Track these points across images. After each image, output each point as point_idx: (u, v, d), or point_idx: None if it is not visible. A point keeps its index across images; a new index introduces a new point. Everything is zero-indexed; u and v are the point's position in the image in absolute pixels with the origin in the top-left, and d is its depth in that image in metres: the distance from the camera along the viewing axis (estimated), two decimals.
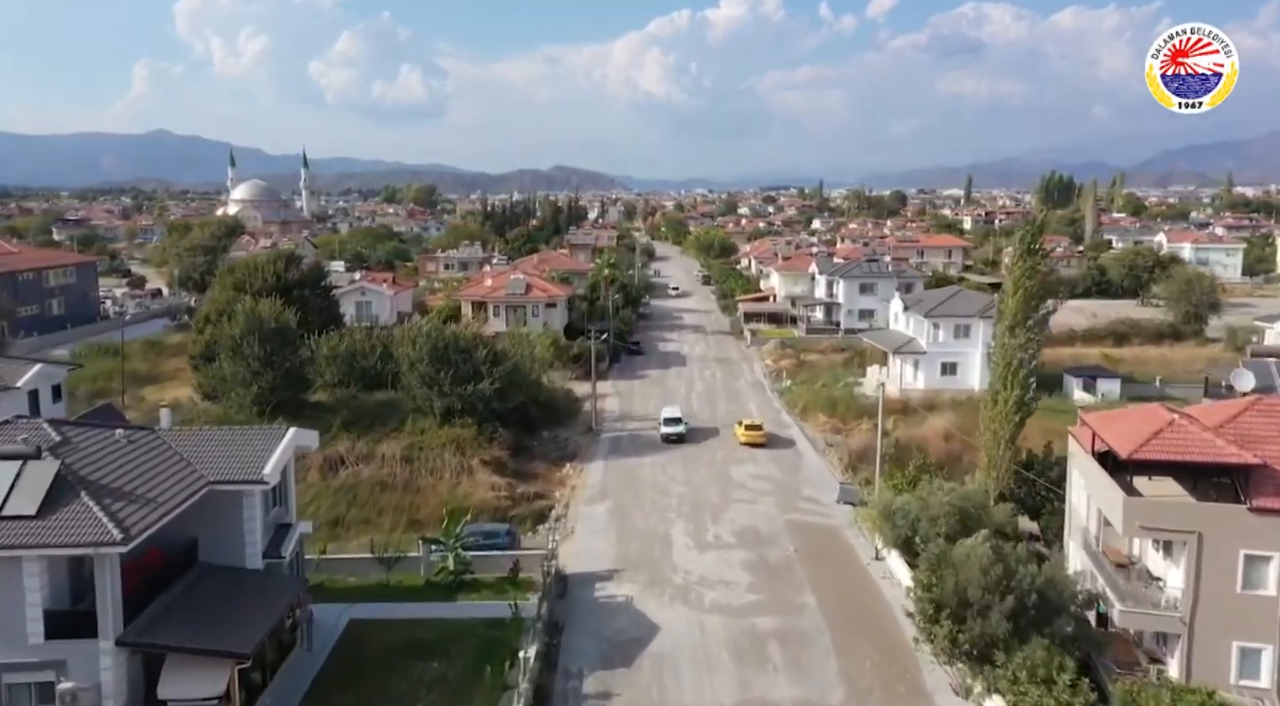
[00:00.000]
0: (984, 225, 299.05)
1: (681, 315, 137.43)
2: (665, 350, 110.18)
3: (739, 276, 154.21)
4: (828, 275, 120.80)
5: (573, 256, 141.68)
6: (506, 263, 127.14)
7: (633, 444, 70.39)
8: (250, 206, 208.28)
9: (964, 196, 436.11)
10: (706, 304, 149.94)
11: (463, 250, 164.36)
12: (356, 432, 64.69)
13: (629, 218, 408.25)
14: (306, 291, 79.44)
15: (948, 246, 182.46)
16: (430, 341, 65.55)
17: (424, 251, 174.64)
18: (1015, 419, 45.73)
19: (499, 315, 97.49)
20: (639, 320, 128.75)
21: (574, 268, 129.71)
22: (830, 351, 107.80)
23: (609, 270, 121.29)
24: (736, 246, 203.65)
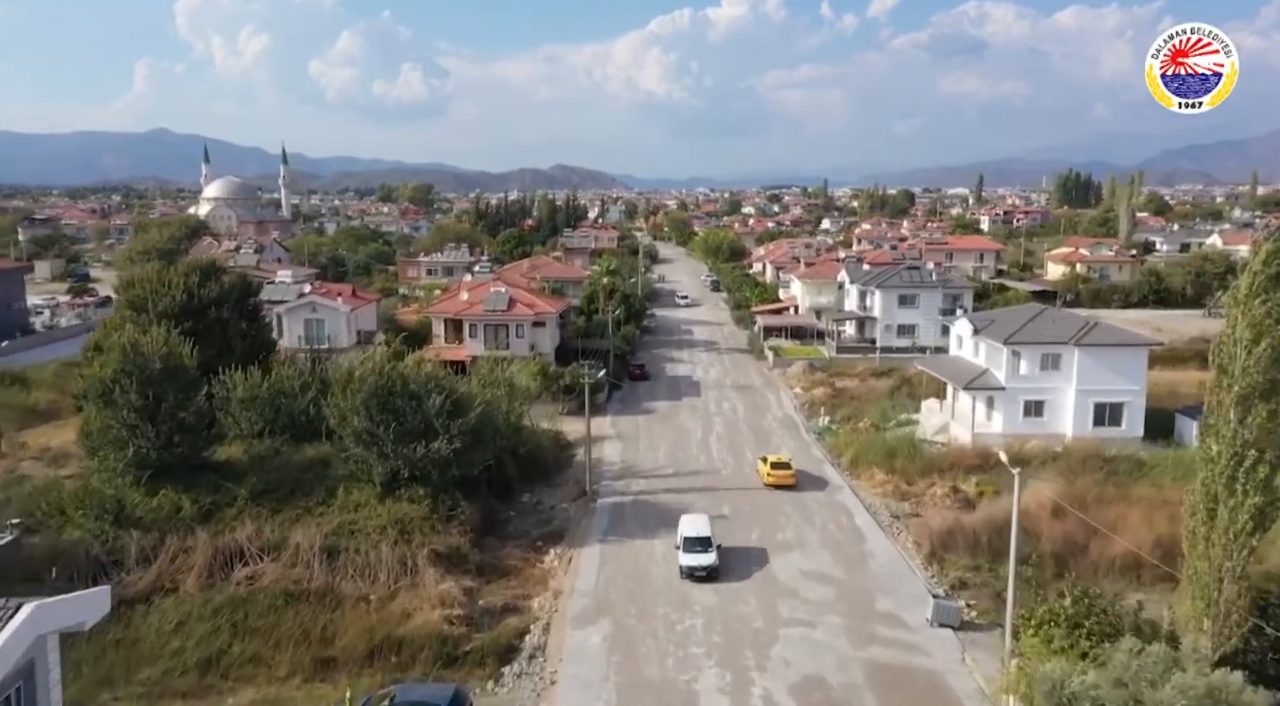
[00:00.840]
0: (1002, 224, 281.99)
1: (691, 328, 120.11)
2: (675, 374, 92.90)
3: (753, 283, 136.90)
4: (860, 285, 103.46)
5: (567, 262, 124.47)
6: (489, 270, 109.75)
7: (638, 516, 53.10)
8: (223, 205, 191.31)
9: (975, 195, 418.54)
10: (718, 314, 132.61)
11: (448, 253, 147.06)
12: (270, 507, 47.50)
13: (630, 217, 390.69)
14: (226, 311, 62.12)
15: (978, 249, 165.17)
16: (368, 387, 48.29)
17: (405, 254, 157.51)
18: (1250, 540, 28.52)
19: (476, 336, 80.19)
20: (643, 335, 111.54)
21: (568, 275, 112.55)
22: (868, 376, 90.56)
23: (608, 278, 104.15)
24: (747, 249, 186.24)
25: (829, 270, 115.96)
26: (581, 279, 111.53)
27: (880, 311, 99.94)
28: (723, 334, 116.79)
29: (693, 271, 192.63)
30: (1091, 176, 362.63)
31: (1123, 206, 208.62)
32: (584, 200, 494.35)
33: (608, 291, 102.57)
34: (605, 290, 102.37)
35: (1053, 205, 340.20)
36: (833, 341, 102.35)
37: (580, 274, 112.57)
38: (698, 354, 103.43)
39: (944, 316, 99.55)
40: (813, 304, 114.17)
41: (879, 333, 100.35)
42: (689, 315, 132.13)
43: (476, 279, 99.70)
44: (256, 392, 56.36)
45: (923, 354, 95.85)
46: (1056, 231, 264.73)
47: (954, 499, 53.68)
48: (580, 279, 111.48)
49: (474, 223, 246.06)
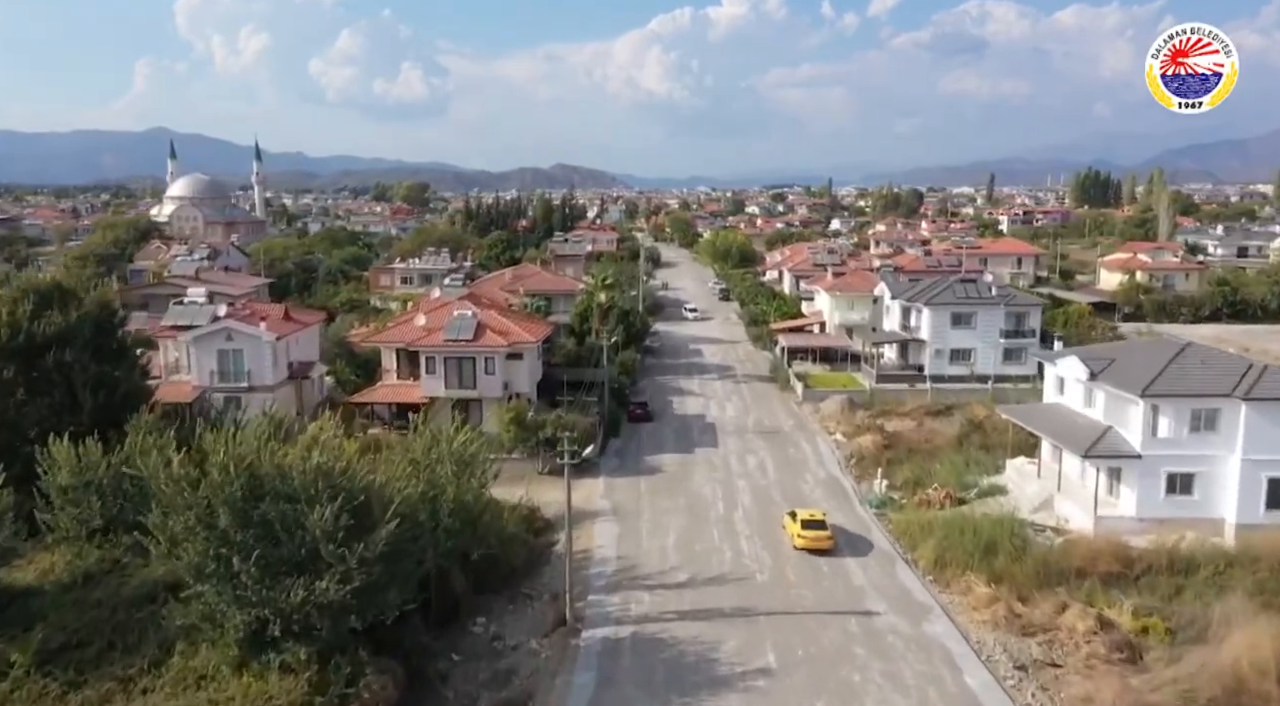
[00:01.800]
0: (1022, 225, 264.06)
1: (700, 348, 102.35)
2: (684, 411, 75.27)
3: (770, 294, 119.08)
4: (904, 300, 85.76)
5: (557, 270, 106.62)
6: (461, 282, 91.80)
7: (641, 670, 35.25)
8: (189, 205, 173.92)
9: (986, 195, 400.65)
10: (730, 330, 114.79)
11: (427, 259, 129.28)
12: (65, 679, 29.99)
13: (630, 217, 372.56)
14: (72, 353, 44.36)
15: (1015, 254, 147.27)
16: (219, 490, 30.57)
17: (379, 261, 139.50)
18: None
19: (435, 371, 62.38)
20: (645, 357, 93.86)
21: (557, 287, 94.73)
22: (922, 415, 72.98)
23: (604, 293, 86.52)
24: (758, 253, 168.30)
25: (862, 282, 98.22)
26: (574, 291, 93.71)
27: (930, 333, 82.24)
28: (738, 355, 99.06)
29: (698, 277, 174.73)
30: (1110, 175, 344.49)
31: (1163, 206, 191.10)
32: (583, 199, 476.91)
33: (604, 310, 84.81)
34: (601, 309, 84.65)
35: (1070, 204, 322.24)
36: (871, 368, 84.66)
37: (572, 285, 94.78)
38: (710, 383, 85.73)
39: (1006, 338, 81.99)
40: (843, 321, 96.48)
41: (928, 358, 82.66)
42: (698, 331, 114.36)
43: (445, 294, 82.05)
44: (90, 476, 38.71)
45: (983, 385, 78.42)
46: (1081, 232, 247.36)
47: (1105, 640, 35.95)
48: (572, 291, 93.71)
49: (464, 224, 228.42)
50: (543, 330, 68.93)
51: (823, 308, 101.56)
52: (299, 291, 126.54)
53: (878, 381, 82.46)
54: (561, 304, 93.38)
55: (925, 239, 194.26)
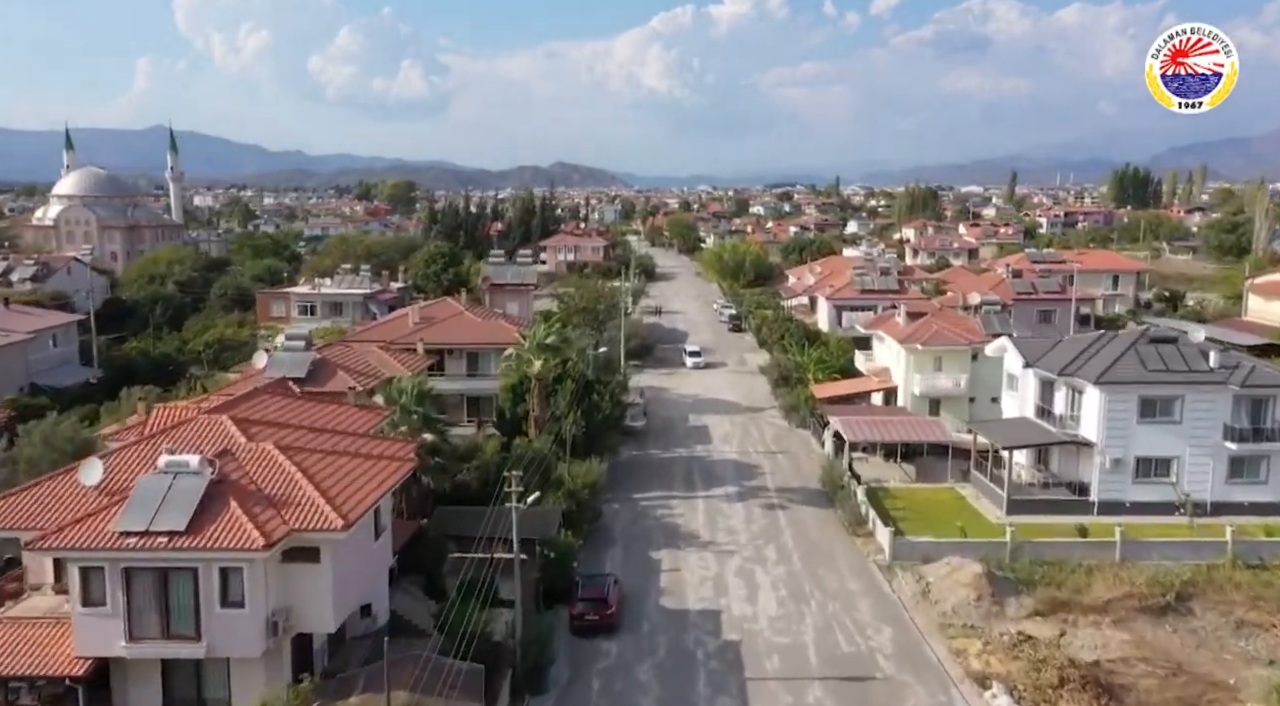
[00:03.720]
0: (1063, 228, 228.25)
1: (706, 425, 66.64)
2: (679, 601, 39.30)
3: (800, 333, 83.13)
4: (1046, 370, 50.14)
5: (491, 308, 69.21)
6: (303, 344, 55.08)
7: None
8: (80, 205, 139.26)
9: (1008, 194, 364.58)
10: (749, 386, 78.81)
11: (342, 281, 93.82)
12: None
13: (627, 218, 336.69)
14: None
15: (1111, 270, 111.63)
16: None
17: (238, 289, 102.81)
18: None
19: (104, 600, 26.93)
20: (620, 449, 58.54)
21: (481, 338, 59.02)
22: (1135, 609, 37.54)
23: (544, 361, 50.78)
24: (776, 267, 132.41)
25: (953, 330, 62.46)
26: (511, 344, 57.99)
27: (1102, 430, 46.72)
28: (765, 439, 63.46)
29: (701, 295, 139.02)
30: (1149, 172, 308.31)
31: (1260, 210, 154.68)
32: (579, 198, 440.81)
33: (544, 386, 49.56)
34: (541, 386, 49.34)
35: (1107, 204, 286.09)
36: (993, 482, 49.22)
37: (508, 335, 58.93)
38: (725, 511, 49.93)
39: (1236, 442, 46.54)
40: (927, 389, 61.00)
41: (1097, 472, 47.23)
42: (702, 387, 78.70)
43: (277, 361, 46.67)
44: None
45: (1191, 515, 43.52)
46: (1133, 237, 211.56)
47: None
48: (509, 343, 57.91)
49: (427, 228, 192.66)
50: (391, 476, 32.80)
51: (890, 364, 65.97)
52: (158, 328, 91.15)
53: (1009, 509, 47.17)
54: (494, 363, 57.99)
55: (971, 246, 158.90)
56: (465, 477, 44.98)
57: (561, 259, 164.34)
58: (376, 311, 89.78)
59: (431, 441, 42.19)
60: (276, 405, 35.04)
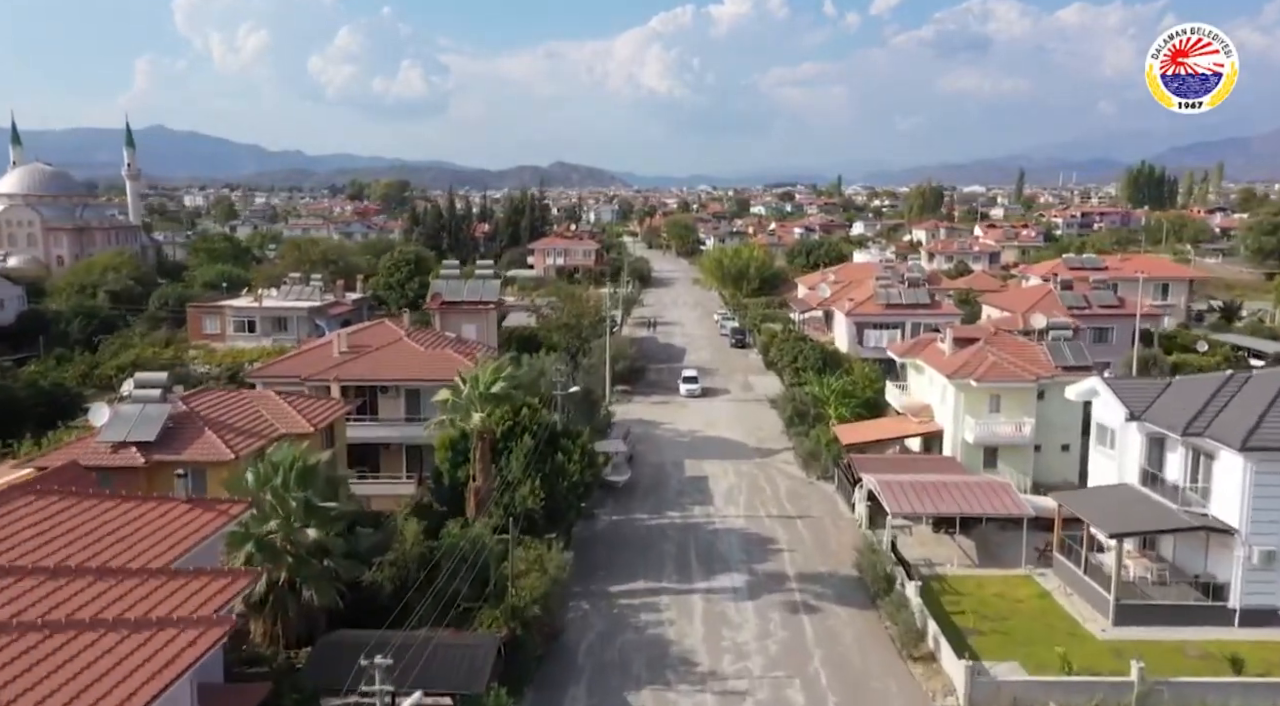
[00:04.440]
0: (1079, 229, 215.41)
1: (706, 477, 53.64)
2: None
3: (817, 355, 70.03)
4: (1157, 428, 37.17)
5: (441, 331, 55.75)
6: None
7: None
8: (23, 204, 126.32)
9: (1015, 194, 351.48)
10: (756, 419, 65.81)
11: (289, 292, 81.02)
12: None
13: (624, 219, 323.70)
14: None
15: (1158, 278, 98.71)
16: None
17: (178, 301, 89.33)
18: None
19: None
20: (605, 496, 45.78)
21: (418, 373, 46.11)
22: None
23: (487, 414, 37.73)
24: (782, 273, 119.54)
25: (1013, 362, 49.39)
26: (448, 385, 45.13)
27: (1247, 510, 33.82)
28: (778, 496, 50.47)
29: (700, 303, 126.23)
30: (1164, 171, 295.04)
31: None
32: (577, 198, 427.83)
33: (488, 443, 36.89)
34: (485, 443, 36.60)
35: (1122, 204, 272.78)
36: (1089, 576, 36.36)
37: (459, 368, 45.96)
38: (727, 609, 36.80)
39: None
40: (982, 436, 48.09)
41: (1240, 569, 34.36)
42: (700, 419, 65.80)
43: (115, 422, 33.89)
44: None
45: None
46: (1155, 239, 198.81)
47: None
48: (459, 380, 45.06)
49: (408, 230, 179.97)
50: (157, 677, 19.60)
51: (932, 400, 53.03)
52: (73, 347, 78.27)
53: (1117, 617, 34.41)
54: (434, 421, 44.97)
55: (991, 249, 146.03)
56: (375, 577, 32.32)
57: (550, 263, 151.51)
58: (325, 328, 77.18)
59: (316, 539, 29.40)
60: (34, 518, 22.19)
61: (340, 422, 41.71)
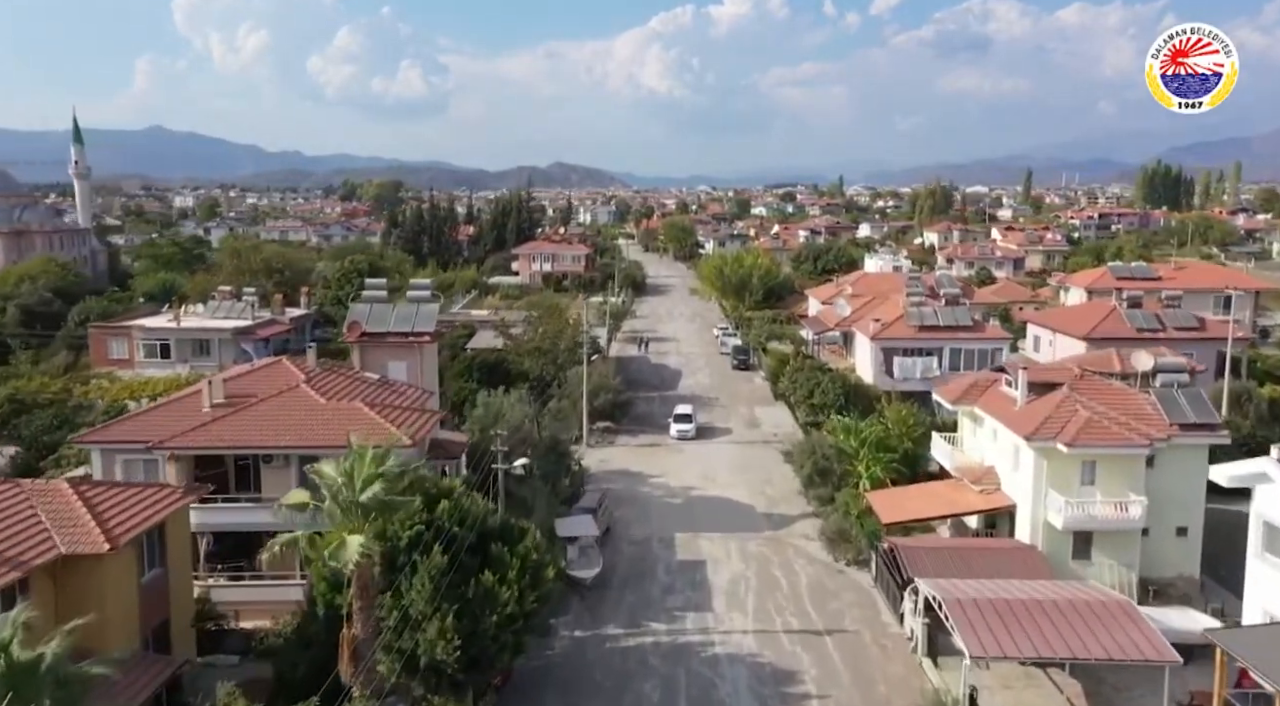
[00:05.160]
0: (1096, 230, 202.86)
1: (701, 550, 40.95)
2: None
3: (837, 387, 57.21)
4: None
5: (363, 369, 42.76)
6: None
7: None
8: None
9: (1023, 194, 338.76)
10: (765, 471, 52.78)
11: (216, 308, 68.32)
12: None
13: (621, 220, 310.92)
14: None
15: (1216, 289, 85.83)
16: None
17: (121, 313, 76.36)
18: None
19: None
20: (568, 596, 32.97)
21: (329, 440, 33.37)
22: None
23: (364, 540, 24.65)
24: (790, 280, 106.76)
25: (1114, 420, 36.54)
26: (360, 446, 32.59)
27: None
28: (797, 590, 37.72)
29: (699, 315, 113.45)
30: (1180, 170, 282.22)
31: None
32: (574, 198, 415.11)
33: (366, 589, 24.25)
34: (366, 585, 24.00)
35: (1138, 204, 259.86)
36: None
37: (370, 431, 33.48)
38: None
39: None
40: (1077, 518, 35.29)
41: None
42: (696, 471, 53.02)
43: None
44: None
45: None
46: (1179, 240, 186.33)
47: None
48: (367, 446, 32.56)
49: (386, 234, 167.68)
50: None
51: (997, 461, 40.22)
52: None
53: None
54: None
55: (1014, 254, 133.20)
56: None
57: (537, 268, 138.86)
58: (252, 352, 64.56)
59: None
60: None
61: (178, 519, 28.93)
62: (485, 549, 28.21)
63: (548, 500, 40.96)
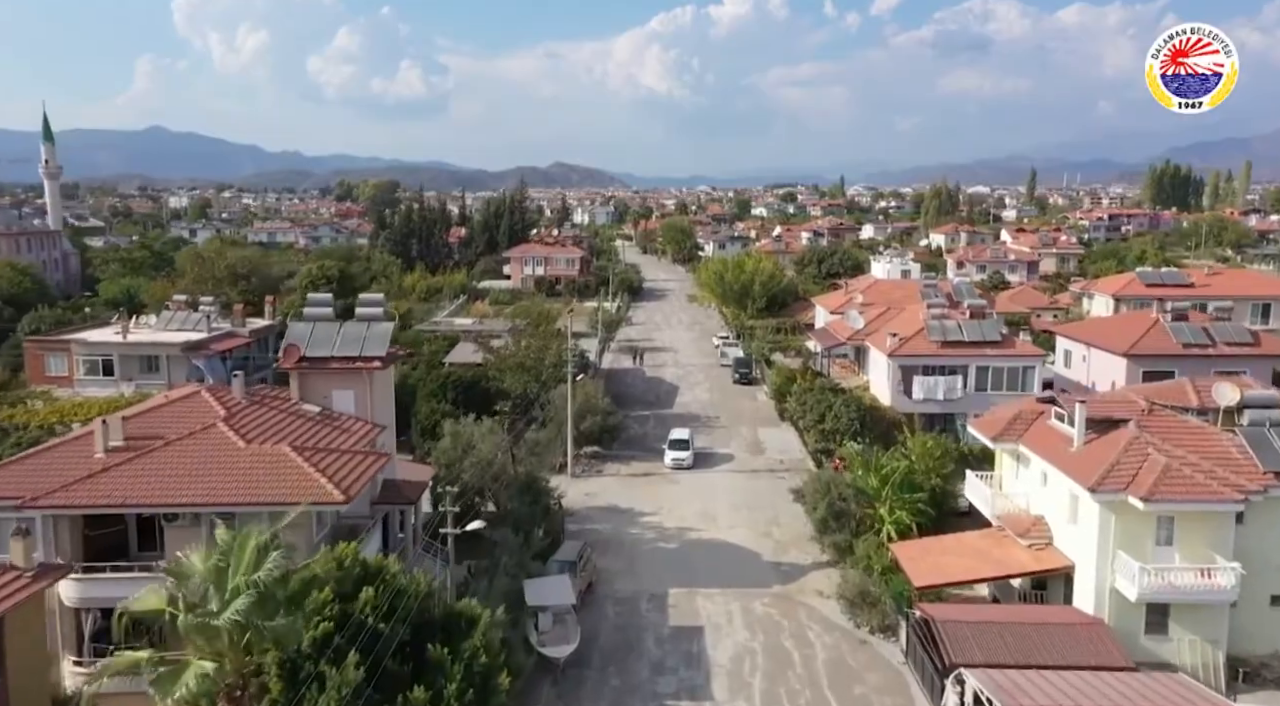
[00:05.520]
0: (1106, 232, 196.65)
1: (698, 612, 34.53)
2: None
3: (855, 411, 50.90)
4: None
5: (302, 399, 36.19)
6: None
7: None
8: None
9: (1028, 195, 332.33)
10: (771, 509, 46.35)
11: (169, 321, 62.05)
12: None
13: (619, 221, 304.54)
14: None
15: (1257, 298, 79.57)
16: None
17: (55, 326, 70.37)
18: None
19: None
20: (538, 678, 26.63)
21: (252, 497, 27.08)
22: None
23: (321, 610, 18.24)
24: (793, 284, 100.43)
25: (1198, 468, 30.25)
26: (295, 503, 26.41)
27: None
28: (813, 668, 31.38)
29: (697, 322, 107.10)
30: (1190, 170, 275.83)
31: None
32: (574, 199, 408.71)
33: None
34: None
35: (1146, 204, 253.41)
36: None
37: (300, 488, 27.37)
38: None
39: None
40: (1154, 588, 28.83)
41: None
42: (693, 508, 46.65)
43: None
44: None
45: None
46: (1193, 242, 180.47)
47: None
48: (293, 503, 26.38)
49: (373, 236, 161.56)
50: None
51: (1047, 509, 33.86)
52: None
53: None
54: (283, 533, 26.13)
55: (1028, 257, 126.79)
56: None
57: (529, 272, 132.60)
58: (204, 370, 58.38)
59: None
60: None
61: (26, 611, 22.60)
62: (421, 651, 21.87)
63: (518, 555, 34.61)
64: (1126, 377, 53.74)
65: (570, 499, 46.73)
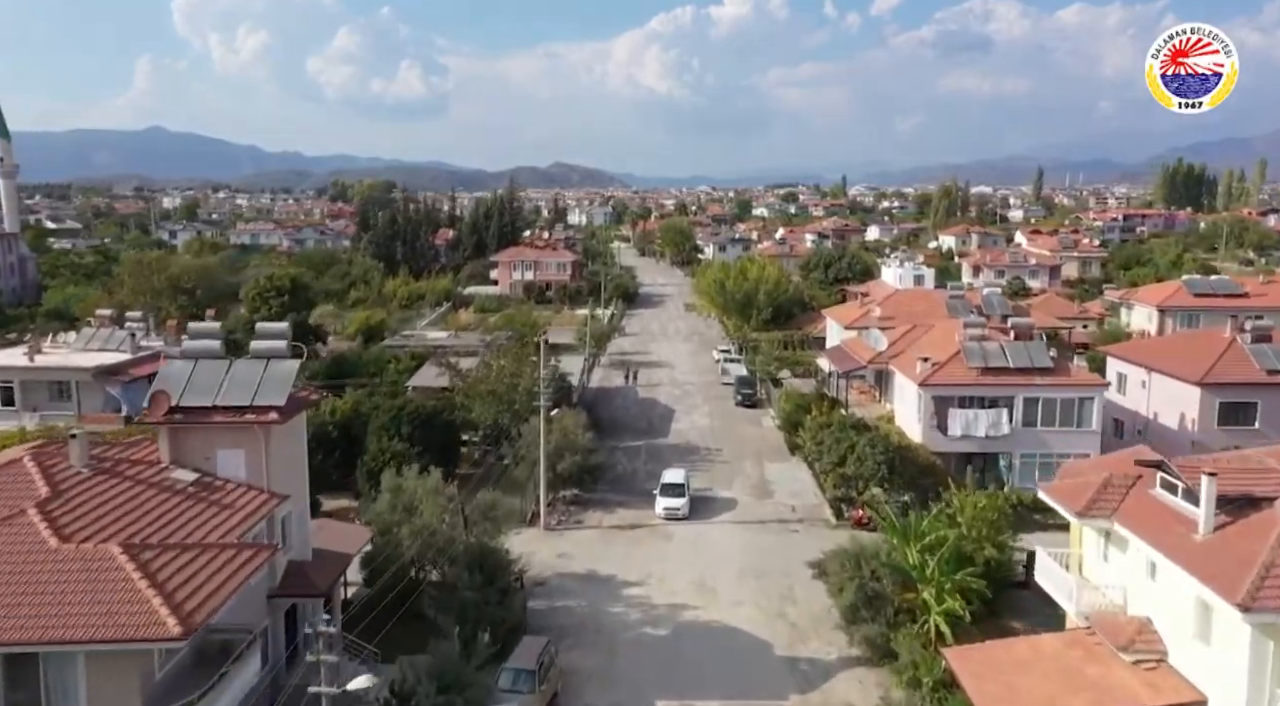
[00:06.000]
0: (1121, 233, 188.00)
1: None
2: None
3: (884, 461, 42.26)
4: None
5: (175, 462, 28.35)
6: None
7: None
8: None
9: (1034, 195, 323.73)
10: (786, 577, 37.78)
11: (90, 339, 53.65)
12: None
13: (618, 221, 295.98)
14: None
15: None
16: None
17: None
18: None
19: None
20: None
21: (61, 633, 18.67)
22: None
23: None
24: (800, 291, 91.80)
25: None
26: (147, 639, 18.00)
27: None
28: None
29: (695, 332, 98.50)
30: (1204, 169, 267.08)
31: None
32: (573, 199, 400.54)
33: None
34: None
35: (1159, 203, 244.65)
36: None
37: (126, 622, 19.14)
38: None
39: None
40: None
41: None
42: (693, 572, 38.28)
43: None
44: None
45: None
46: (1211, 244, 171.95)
47: None
48: (123, 641, 17.98)
49: (355, 239, 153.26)
50: None
51: (1165, 624, 25.20)
52: None
53: None
54: (82, 683, 17.72)
55: (1050, 262, 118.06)
56: None
57: (518, 277, 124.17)
58: (121, 397, 49.90)
59: None
60: None
61: None
62: None
63: (457, 668, 26.00)
64: (1200, 410, 45.24)
65: (540, 562, 38.25)
